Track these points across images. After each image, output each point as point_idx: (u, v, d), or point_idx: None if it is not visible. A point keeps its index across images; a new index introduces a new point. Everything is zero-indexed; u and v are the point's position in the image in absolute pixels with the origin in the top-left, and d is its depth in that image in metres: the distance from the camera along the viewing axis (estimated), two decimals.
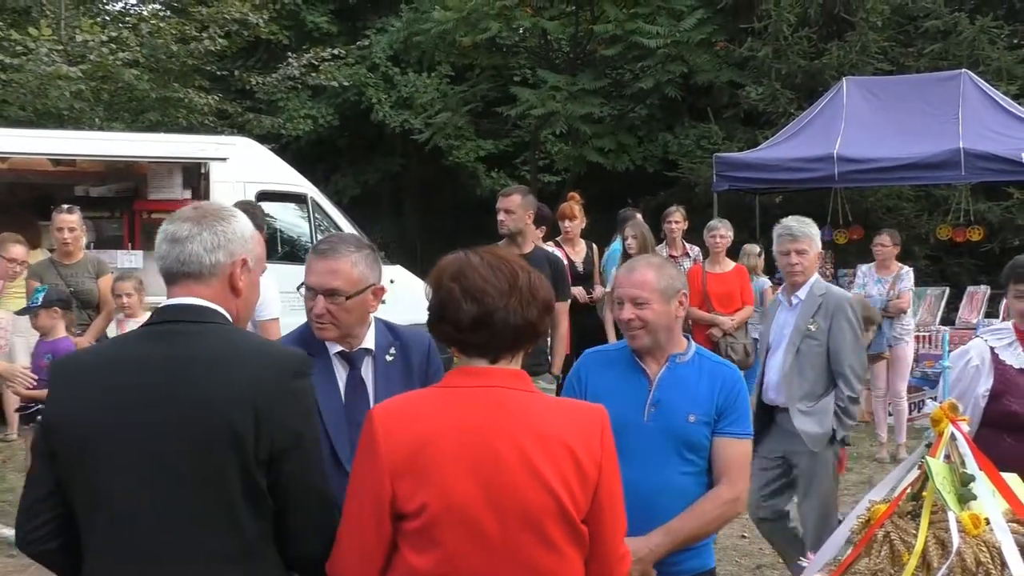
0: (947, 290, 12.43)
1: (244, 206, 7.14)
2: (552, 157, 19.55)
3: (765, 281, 10.94)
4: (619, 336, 9.49)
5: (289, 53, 17.89)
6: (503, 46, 18.46)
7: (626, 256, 9.53)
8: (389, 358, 3.43)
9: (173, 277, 2.64)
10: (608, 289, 9.61)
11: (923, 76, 13.71)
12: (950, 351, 4.04)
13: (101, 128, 14.20)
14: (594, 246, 9.83)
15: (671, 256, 10.40)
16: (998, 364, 4.31)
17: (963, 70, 12.78)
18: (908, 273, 10.03)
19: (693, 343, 3.61)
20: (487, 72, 19.30)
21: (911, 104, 12.64)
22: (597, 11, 17.44)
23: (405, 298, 11.21)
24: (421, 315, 2.81)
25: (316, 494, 2.53)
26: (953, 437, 3.23)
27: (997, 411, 4.28)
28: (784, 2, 15.28)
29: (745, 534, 7.87)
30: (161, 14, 17.36)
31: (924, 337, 11.49)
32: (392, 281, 12.23)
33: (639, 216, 10.59)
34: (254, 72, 18.02)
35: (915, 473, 3.26)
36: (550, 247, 9.58)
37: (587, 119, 16.79)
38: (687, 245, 10.66)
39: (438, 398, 2.58)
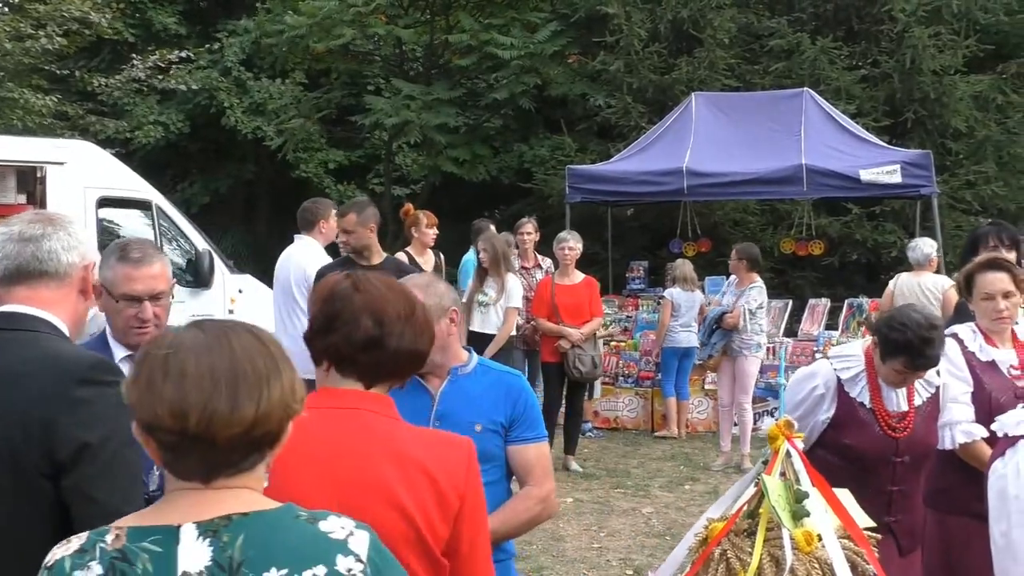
0: (790, 303, 12.79)
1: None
2: (405, 169, 19.43)
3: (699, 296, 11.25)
4: (472, 345, 9.47)
5: (134, 55, 17.32)
6: (358, 53, 18.28)
7: (480, 268, 9.57)
8: None
9: (24, 276, 2.57)
10: (464, 299, 9.64)
11: (768, 93, 14.11)
12: (787, 364, 4.13)
13: None
14: (441, 255, 9.82)
15: (523, 267, 10.46)
16: (842, 395, 4.35)
17: (805, 88, 13.17)
18: (754, 289, 10.28)
19: (474, 354, 3.61)
20: (341, 79, 19.07)
21: (756, 120, 12.98)
22: (452, 21, 17.44)
23: (253, 307, 11.01)
24: (268, 325, 2.76)
25: (98, 508, 2.34)
26: (788, 454, 3.28)
27: (833, 439, 4.34)
28: (635, 17, 15.49)
29: (595, 544, 7.95)
30: None
31: (769, 348, 11.78)
32: (240, 291, 11.97)
33: (492, 228, 10.61)
34: (97, 73, 17.40)
35: (752, 490, 3.31)
36: (401, 256, 9.55)
37: (442, 129, 16.74)
38: (539, 257, 10.72)
39: (301, 418, 2.48)
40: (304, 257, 7.73)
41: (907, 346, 4.05)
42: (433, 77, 17.70)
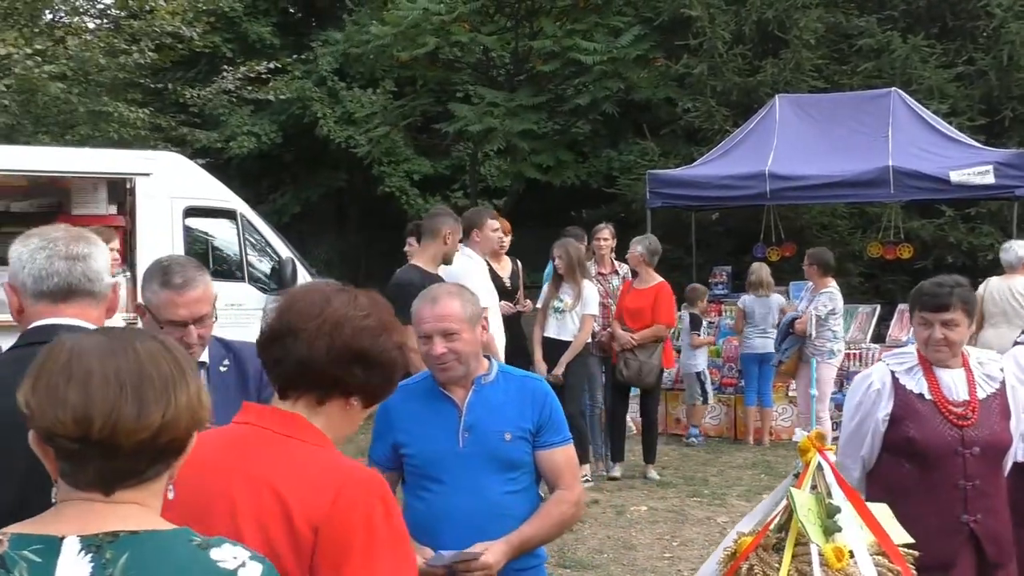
0: (878, 308, 12.50)
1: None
2: (491, 180, 19.47)
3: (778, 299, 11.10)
4: (547, 352, 9.45)
5: (225, 67, 17.68)
6: (443, 61, 18.40)
7: (556, 275, 9.53)
8: (223, 368, 3.47)
9: (74, 294, 2.66)
10: (539, 305, 9.61)
11: (854, 94, 13.82)
12: None
13: (27, 142, 13.95)
14: (519, 262, 9.81)
15: (600, 273, 10.38)
16: (898, 389, 4.26)
17: (893, 88, 12.88)
18: (825, 294, 10.11)
19: (495, 361, 3.61)
20: (427, 87, 19.20)
21: (841, 122, 12.74)
22: (536, 27, 17.42)
23: None
24: None
25: None
26: (820, 467, 3.18)
27: (896, 436, 4.25)
28: (719, 19, 15.33)
29: (667, 554, 7.85)
30: (91, 26, 17.09)
31: (855, 355, 11.54)
32: None
33: (575, 236, 10.52)
34: (191, 85, 17.80)
35: (784, 504, 3.21)
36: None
37: (526, 135, 16.74)
38: (616, 263, 10.64)
39: (205, 433, 2.26)
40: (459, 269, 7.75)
41: (919, 292, 4.19)
42: (517, 84, 17.70)
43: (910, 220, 14.08)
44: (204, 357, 3.44)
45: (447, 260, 6.94)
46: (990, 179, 11.46)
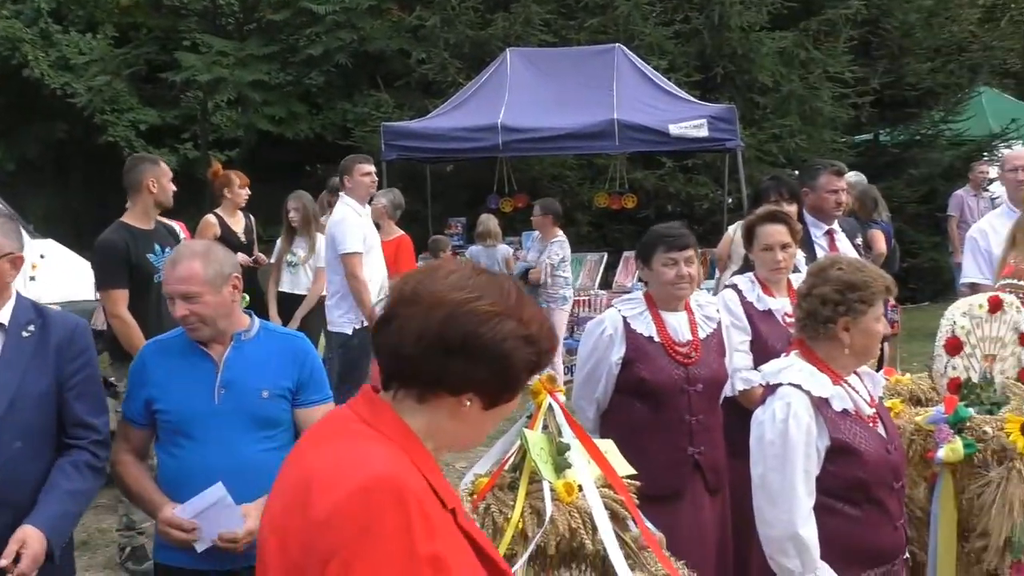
0: (605, 255, 13.01)
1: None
2: (223, 130, 18.86)
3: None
4: (282, 306, 9.30)
5: None
6: (168, 8, 17.59)
7: (289, 228, 9.39)
8: (25, 334, 3.33)
9: None
10: (273, 260, 9.46)
11: (581, 48, 14.19)
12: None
13: None
14: (252, 217, 9.60)
15: None
16: (630, 333, 4.50)
17: (617, 44, 13.31)
18: (556, 243, 10.49)
19: (256, 319, 3.60)
20: (152, 35, 18.33)
21: (570, 76, 13.03)
22: None
23: (58, 273, 10.57)
24: (74, 291, 2.71)
25: None
26: (551, 408, 3.34)
27: (629, 377, 4.50)
28: None
29: None
30: None
31: (583, 301, 11.98)
32: (42, 256, 11.47)
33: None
34: None
35: (517, 444, 3.35)
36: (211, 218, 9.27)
37: (257, 86, 16.31)
38: None
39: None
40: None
41: (659, 236, 4.45)
42: (247, 33, 17.21)
43: (634, 171, 14.60)
44: (5, 317, 3.32)
45: (163, 207, 6.59)
46: (704, 132, 12.04)
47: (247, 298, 9.26)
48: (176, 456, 3.47)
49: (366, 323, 8.10)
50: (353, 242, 8.00)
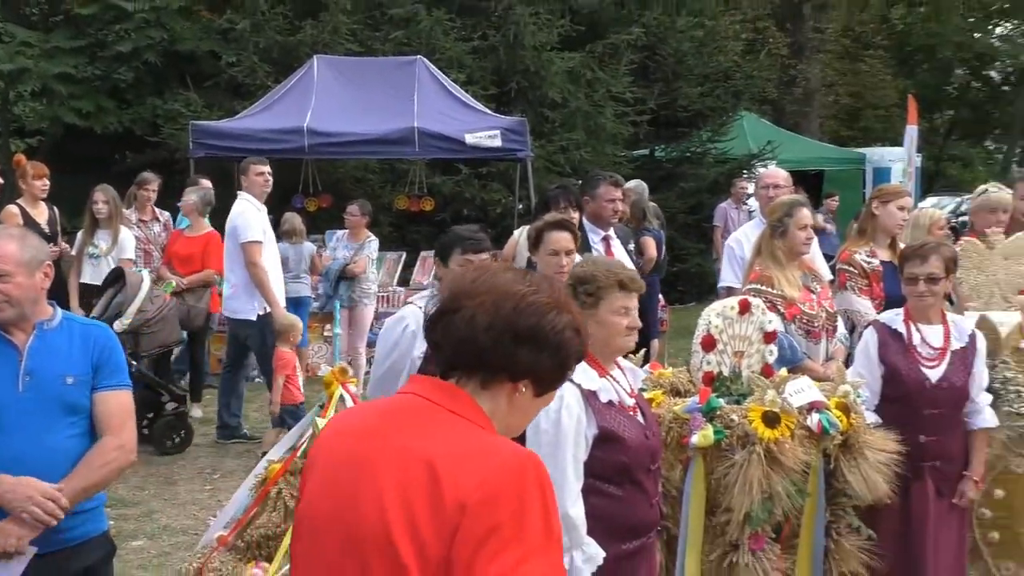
0: (404, 254, 13.05)
1: None
2: (23, 121, 17.84)
3: None
4: (83, 299, 8.95)
5: None
6: None
7: (91, 220, 9.04)
8: None
9: None
10: (74, 252, 9.09)
11: (385, 59, 14.15)
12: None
13: None
14: (55, 208, 9.22)
15: (141, 220, 10.00)
16: None
17: (419, 57, 13.35)
18: (373, 242, 10.54)
19: (59, 308, 3.49)
20: None
21: (375, 84, 12.99)
22: None
23: None
24: None
25: None
26: (342, 398, 3.36)
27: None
28: None
29: (207, 486, 7.80)
30: None
31: (383, 297, 11.97)
32: None
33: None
34: None
35: (309, 432, 3.37)
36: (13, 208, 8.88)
37: (63, 78, 15.52)
38: (157, 210, 10.30)
39: (368, 402, 2.24)
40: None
41: (460, 237, 4.53)
42: (53, 25, 16.32)
43: (432, 176, 14.68)
44: None
45: None
46: (498, 142, 12.26)
47: (173, 284, 9.18)
48: None
49: (268, 309, 8.14)
50: (254, 232, 8.22)
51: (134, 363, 7.90)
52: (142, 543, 6.58)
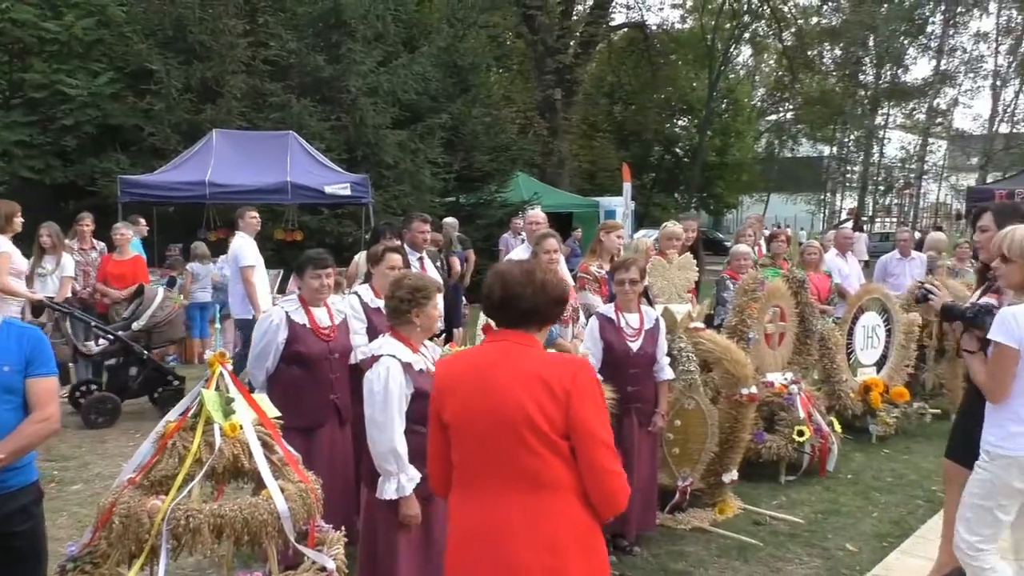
0: (281, 271, 12.57)
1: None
2: None
3: None
4: (36, 309, 8.11)
5: None
6: None
7: (40, 247, 8.28)
8: None
9: None
10: (26, 272, 8.25)
11: (266, 133, 13.64)
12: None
13: None
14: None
15: (81, 248, 9.23)
16: (291, 322, 4.38)
17: (291, 132, 12.96)
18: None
19: (2, 315, 3.16)
20: None
21: (258, 150, 12.55)
22: (26, 65, 14.76)
23: None
24: None
25: None
26: (222, 374, 3.18)
27: (290, 352, 4.36)
28: (173, 73, 14.22)
29: (131, 443, 7.23)
30: None
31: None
32: None
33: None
34: None
35: (197, 399, 3.16)
36: None
37: (20, 144, 14.15)
38: (94, 240, 9.53)
39: (472, 349, 2.69)
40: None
41: (309, 258, 4.42)
42: (13, 105, 14.85)
43: (302, 215, 14.27)
44: None
45: None
46: (348, 192, 12.08)
47: (181, 298, 8.48)
48: None
49: (255, 314, 7.69)
50: (249, 259, 7.86)
51: (146, 353, 8.02)
52: (79, 487, 6.06)
